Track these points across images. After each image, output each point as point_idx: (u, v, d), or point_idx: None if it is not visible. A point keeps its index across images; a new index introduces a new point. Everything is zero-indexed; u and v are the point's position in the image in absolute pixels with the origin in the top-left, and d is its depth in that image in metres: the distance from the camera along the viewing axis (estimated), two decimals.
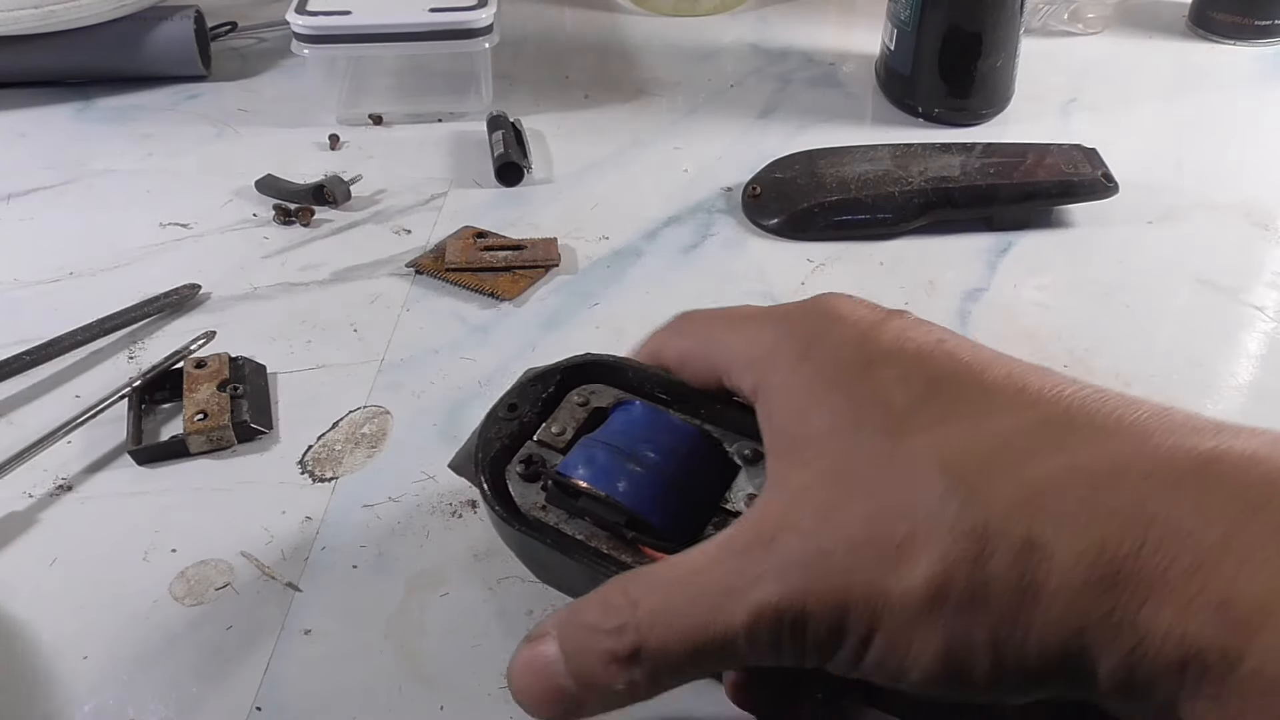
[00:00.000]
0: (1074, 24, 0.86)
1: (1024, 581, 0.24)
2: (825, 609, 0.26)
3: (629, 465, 0.33)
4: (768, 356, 0.31)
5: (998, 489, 0.25)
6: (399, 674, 0.39)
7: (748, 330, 0.32)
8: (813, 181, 0.63)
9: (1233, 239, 0.62)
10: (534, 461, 0.36)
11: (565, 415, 0.36)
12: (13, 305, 0.57)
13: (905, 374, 0.28)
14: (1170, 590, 0.23)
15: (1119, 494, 0.24)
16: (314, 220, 0.64)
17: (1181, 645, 0.23)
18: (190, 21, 0.77)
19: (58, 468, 0.47)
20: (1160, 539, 0.23)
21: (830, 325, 0.30)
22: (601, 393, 0.36)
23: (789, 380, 0.30)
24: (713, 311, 0.34)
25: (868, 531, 0.26)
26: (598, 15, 0.91)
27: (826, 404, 0.28)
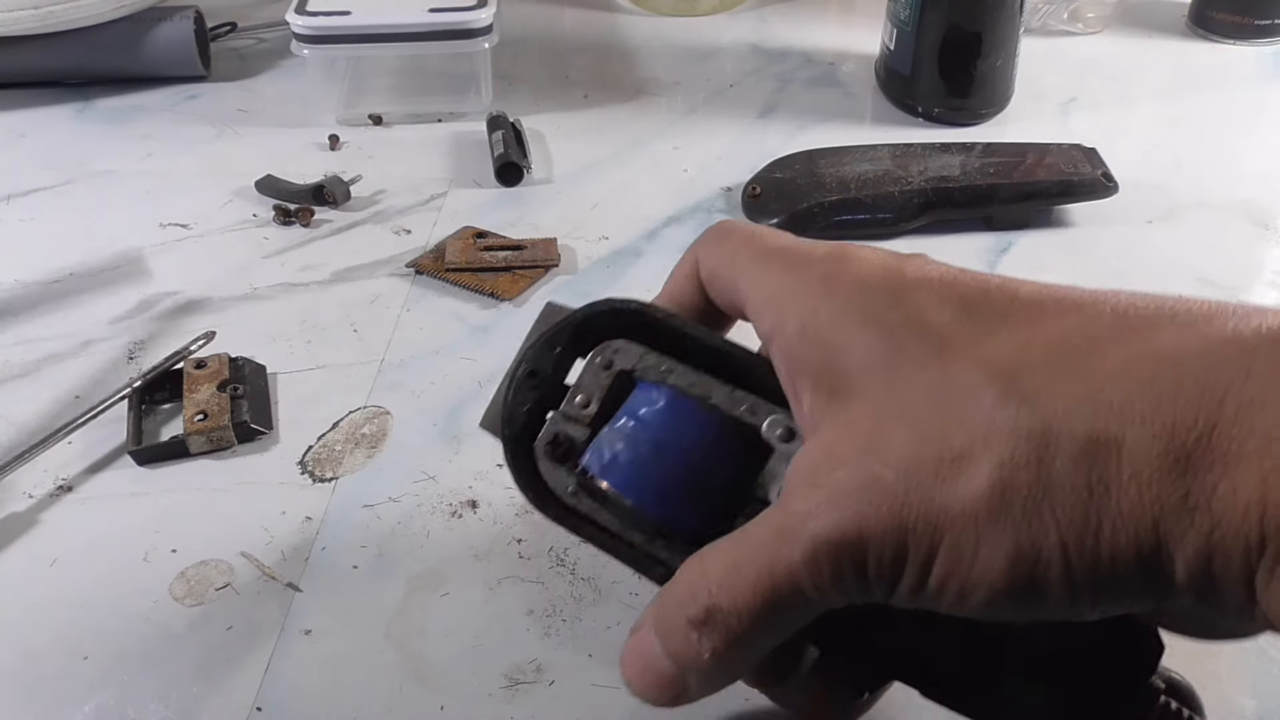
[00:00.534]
0: (1074, 24, 0.86)
1: (1091, 478, 0.23)
2: (883, 533, 0.25)
3: (655, 469, 0.32)
4: (785, 297, 0.30)
5: (1055, 388, 0.24)
6: (399, 674, 0.39)
7: (771, 267, 0.31)
8: (813, 181, 0.64)
9: (1232, 238, 0.62)
10: (561, 442, 0.34)
11: (589, 381, 0.34)
12: (13, 306, 0.57)
13: (938, 298, 0.27)
14: (1246, 465, 0.22)
15: (1185, 376, 0.23)
16: (314, 220, 0.64)
17: (1261, 520, 0.21)
18: (190, 22, 0.77)
19: (58, 468, 0.47)
20: (1234, 415, 0.22)
21: (850, 264, 0.29)
22: (625, 351, 0.33)
23: (811, 321, 0.29)
24: (749, 232, 0.33)
25: (920, 450, 0.25)
26: (597, 15, 0.91)
27: (858, 338, 0.27)
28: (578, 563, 0.43)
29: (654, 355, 0.33)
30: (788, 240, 0.32)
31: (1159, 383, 0.23)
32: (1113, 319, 0.25)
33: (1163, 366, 0.23)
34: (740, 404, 0.32)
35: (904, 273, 0.28)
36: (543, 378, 0.34)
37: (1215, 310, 0.24)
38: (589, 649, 0.40)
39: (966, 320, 0.26)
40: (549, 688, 0.38)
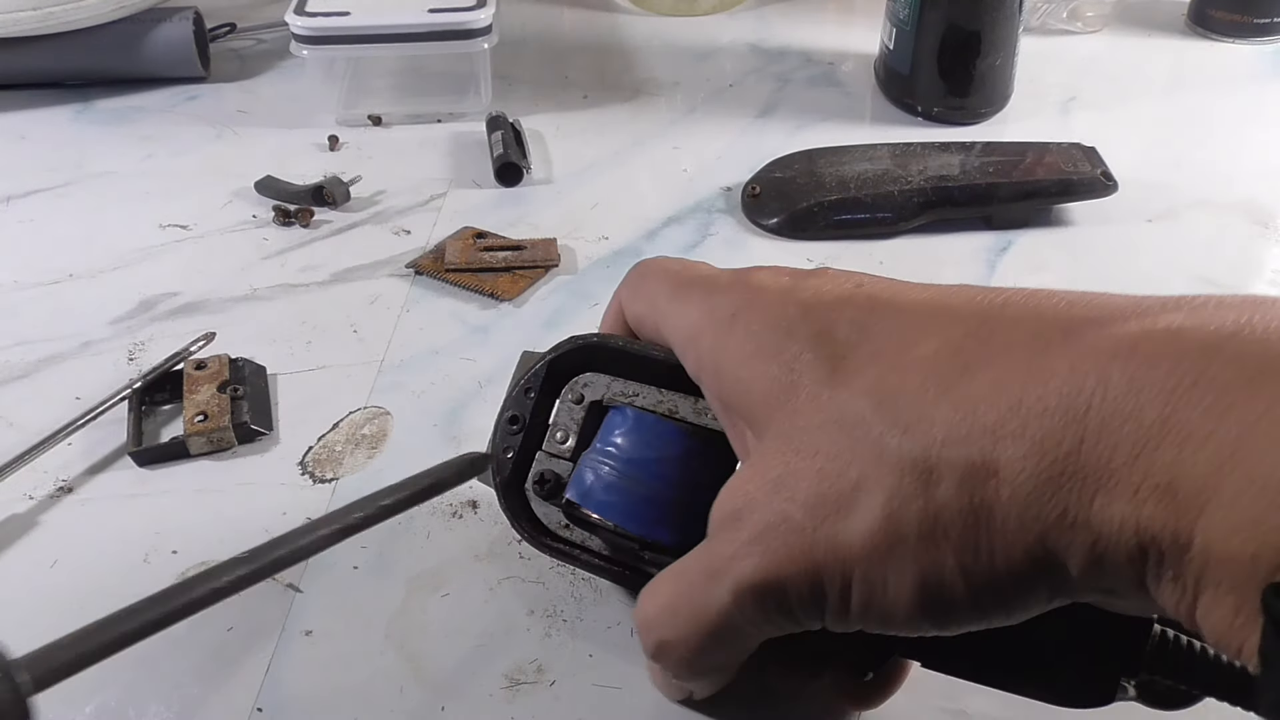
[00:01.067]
0: (1073, 22, 0.86)
1: (974, 502, 0.24)
2: (798, 574, 0.26)
3: (631, 487, 0.34)
4: (700, 336, 0.31)
5: (933, 417, 0.25)
6: (400, 675, 0.39)
7: (684, 306, 0.32)
8: (812, 181, 0.64)
9: (1232, 237, 0.62)
10: (547, 480, 0.36)
11: (564, 417, 0.36)
12: (13, 307, 0.57)
13: (829, 324, 0.28)
14: (1117, 480, 0.22)
15: (1049, 392, 0.23)
16: (313, 221, 0.64)
17: (1137, 533, 0.22)
18: (189, 23, 0.77)
19: (58, 469, 0.47)
20: (1099, 429, 0.23)
21: (752, 296, 0.30)
22: (593, 384, 0.36)
23: (721, 357, 0.30)
24: (663, 270, 0.34)
25: (821, 487, 0.26)
26: (596, 15, 0.91)
27: (760, 372, 0.29)
28: None
29: (621, 382, 0.35)
30: (699, 272, 0.33)
31: (1026, 401, 0.24)
32: (987, 333, 0.26)
33: (1029, 384, 0.24)
34: (705, 413, 0.34)
35: (800, 299, 0.29)
36: (523, 423, 0.36)
37: (1080, 318, 0.25)
38: (590, 649, 0.40)
39: (855, 344, 0.28)
40: (550, 688, 0.38)
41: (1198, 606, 0.22)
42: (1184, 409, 0.22)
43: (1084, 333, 0.24)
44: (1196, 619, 0.23)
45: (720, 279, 0.32)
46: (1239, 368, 0.22)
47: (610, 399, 0.35)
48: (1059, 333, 0.25)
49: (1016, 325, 0.26)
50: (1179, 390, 0.22)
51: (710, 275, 0.33)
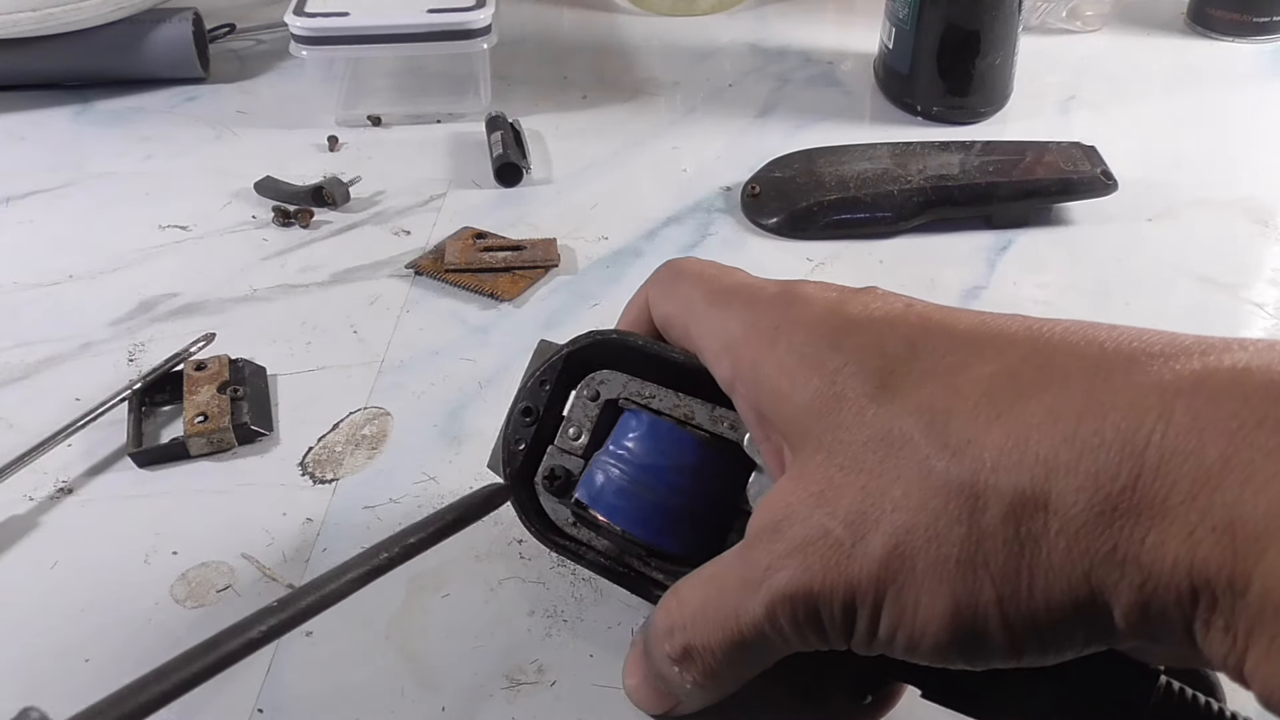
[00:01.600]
0: (1072, 22, 0.86)
1: (1021, 532, 0.23)
2: (832, 589, 0.26)
3: (641, 494, 0.33)
4: (739, 345, 0.30)
5: (984, 438, 0.24)
6: (400, 675, 0.39)
7: (722, 314, 0.31)
8: (812, 180, 0.63)
9: (1232, 236, 0.62)
10: (558, 475, 0.35)
11: (578, 413, 0.35)
12: (12, 308, 0.57)
13: (878, 339, 0.28)
14: (1173, 519, 0.22)
15: (1107, 425, 0.23)
16: (313, 222, 0.64)
17: (1190, 574, 0.22)
18: (188, 24, 0.77)
19: (58, 471, 0.47)
20: (1158, 465, 0.22)
21: (796, 307, 0.30)
22: (610, 381, 0.35)
23: (762, 368, 0.29)
24: (698, 274, 0.33)
25: (864, 504, 0.26)
26: (596, 15, 0.91)
27: (804, 383, 0.28)
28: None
29: (638, 382, 0.34)
30: (738, 280, 0.32)
31: (1082, 433, 0.23)
32: (1043, 360, 0.25)
33: (1086, 415, 0.23)
34: (721, 421, 0.34)
35: (848, 313, 0.29)
36: (537, 415, 0.36)
37: (1142, 351, 0.24)
38: (590, 649, 0.40)
39: (905, 362, 0.27)
40: (550, 688, 0.38)
41: (1248, 658, 0.22)
42: (1247, 449, 0.21)
43: (1147, 366, 0.24)
44: (1245, 672, 0.22)
45: (764, 290, 0.31)
46: None
47: (626, 399, 0.35)
48: (1121, 364, 0.24)
49: (1075, 353, 0.25)
50: (1243, 430, 0.21)
51: (752, 285, 0.32)
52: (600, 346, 0.35)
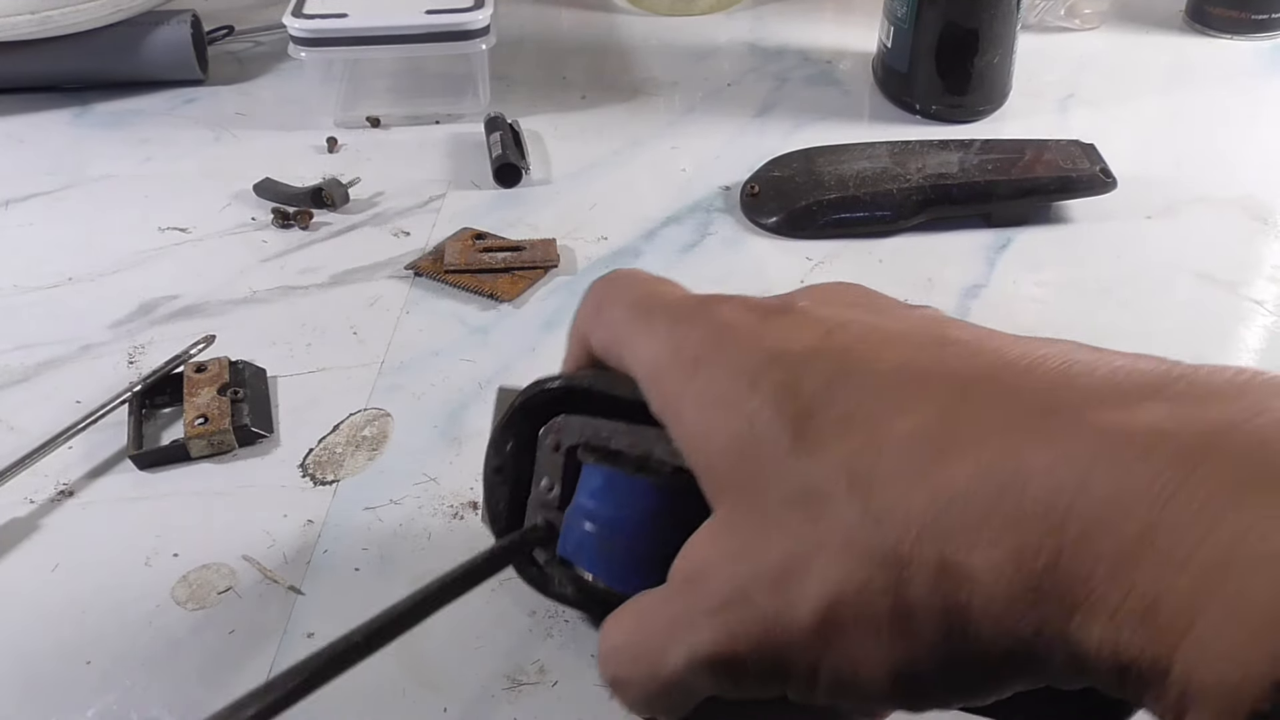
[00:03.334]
0: (1070, 20, 0.86)
1: (948, 604, 0.23)
2: (758, 653, 0.25)
3: (613, 548, 0.33)
4: (662, 376, 0.29)
5: (908, 503, 0.23)
6: (402, 677, 0.39)
7: (647, 338, 0.30)
8: (811, 180, 0.64)
9: (1231, 233, 0.62)
10: (540, 529, 0.35)
11: (546, 465, 0.35)
12: (12, 311, 0.57)
13: (795, 378, 0.26)
14: (1096, 600, 0.21)
15: (1026, 497, 0.22)
16: (312, 223, 0.64)
17: (1115, 658, 0.21)
18: (187, 26, 0.77)
19: (59, 473, 0.47)
20: (1078, 540, 0.21)
21: (717, 336, 0.28)
22: (568, 428, 0.34)
23: (684, 405, 0.28)
24: (621, 295, 0.32)
25: (786, 568, 0.25)
26: (594, 16, 0.91)
27: (721, 425, 0.27)
28: None
29: (594, 423, 0.33)
30: (661, 298, 0.31)
31: (1005, 500, 0.22)
32: (967, 413, 0.24)
33: (1008, 479, 0.22)
34: (680, 454, 0.32)
35: (766, 345, 0.27)
36: (508, 471, 0.35)
37: (1064, 400, 0.23)
38: (591, 649, 0.40)
39: (825, 403, 0.26)
40: (552, 688, 0.38)
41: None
42: (1166, 521, 0.21)
43: (1061, 417, 0.23)
44: None
45: (683, 308, 0.30)
46: (1222, 477, 0.21)
47: (584, 445, 0.34)
48: (1036, 417, 0.23)
49: (992, 407, 0.24)
50: (1160, 500, 0.21)
51: (673, 303, 0.30)
52: (547, 395, 0.34)
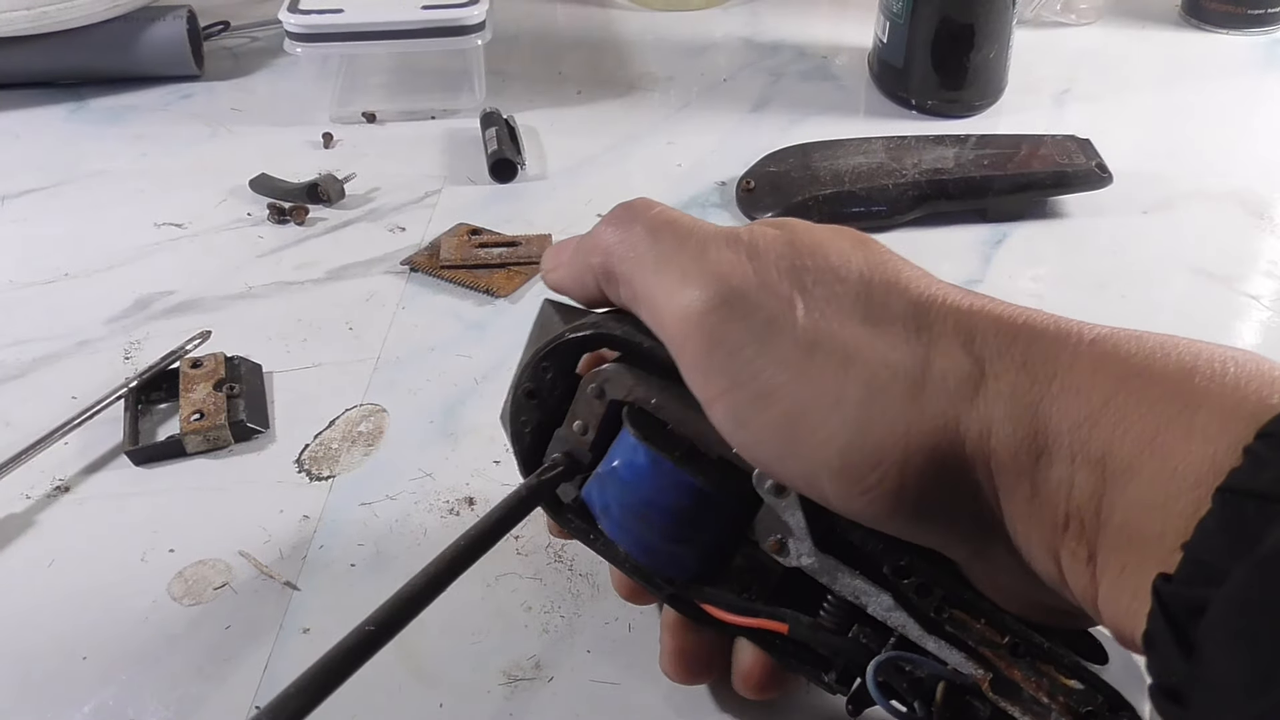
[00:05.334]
0: (1066, 14, 0.86)
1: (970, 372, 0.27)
2: None
3: (640, 528, 0.33)
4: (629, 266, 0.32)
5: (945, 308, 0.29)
6: (398, 672, 0.39)
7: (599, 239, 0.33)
8: (806, 175, 0.64)
9: (1228, 228, 0.63)
10: (562, 463, 0.34)
11: (584, 408, 0.34)
12: (8, 307, 0.57)
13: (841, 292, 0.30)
14: (1062, 444, 0.25)
15: (1035, 348, 0.27)
16: (308, 219, 0.64)
17: (1066, 502, 0.25)
18: (182, 21, 0.77)
19: (55, 469, 0.47)
20: (1059, 391, 0.26)
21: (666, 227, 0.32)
22: (615, 380, 0.33)
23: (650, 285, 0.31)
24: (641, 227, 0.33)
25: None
26: (590, 10, 0.91)
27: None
28: (575, 559, 0.43)
29: (644, 385, 0.33)
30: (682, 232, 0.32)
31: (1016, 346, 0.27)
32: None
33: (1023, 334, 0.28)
34: (726, 444, 0.31)
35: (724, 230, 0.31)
36: (542, 396, 0.35)
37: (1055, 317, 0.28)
38: (587, 645, 0.40)
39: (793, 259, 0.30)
40: (548, 684, 0.39)
41: (1100, 587, 0.25)
42: (1124, 393, 0.25)
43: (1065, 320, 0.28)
44: (1099, 605, 0.25)
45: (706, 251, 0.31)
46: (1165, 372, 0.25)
47: (631, 406, 0.33)
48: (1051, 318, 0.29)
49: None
50: (1123, 378, 0.25)
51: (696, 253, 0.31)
52: (601, 340, 0.34)
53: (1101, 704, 0.28)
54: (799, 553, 0.31)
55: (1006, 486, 0.26)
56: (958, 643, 0.30)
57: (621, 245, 0.32)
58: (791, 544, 0.32)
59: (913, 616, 0.30)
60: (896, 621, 0.31)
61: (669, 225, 0.32)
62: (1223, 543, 0.21)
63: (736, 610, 0.33)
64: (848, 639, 0.32)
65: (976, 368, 0.27)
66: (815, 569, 0.31)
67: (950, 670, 0.30)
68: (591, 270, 0.33)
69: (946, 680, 0.30)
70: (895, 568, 0.30)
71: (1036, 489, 0.26)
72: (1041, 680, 0.29)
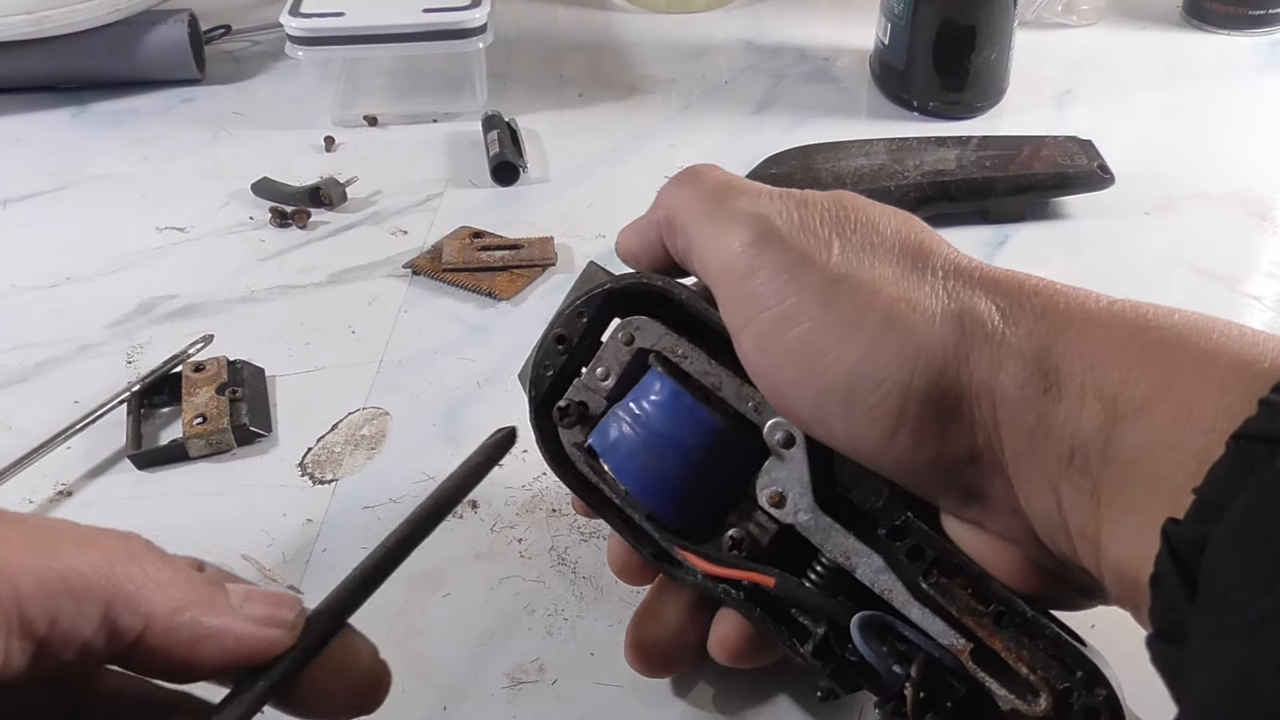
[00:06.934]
0: (1068, 16, 0.86)
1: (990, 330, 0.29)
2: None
3: (650, 461, 0.33)
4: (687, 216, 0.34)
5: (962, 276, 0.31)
6: (401, 675, 0.39)
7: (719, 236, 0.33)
8: (809, 177, 0.63)
9: (1229, 229, 0.62)
10: (576, 409, 0.35)
11: (610, 355, 0.35)
12: (10, 311, 0.57)
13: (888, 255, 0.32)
14: (1073, 380, 0.26)
15: (1055, 300, 0.29)
16: (310, 222, 0.64)
17: (1072, 438, 0.26)
18: (184, 25, 0.77)
19: (57, 473, 0.47)
20: (1075, 337, 0.27)
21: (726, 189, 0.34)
22: (646, 329, 0.34)
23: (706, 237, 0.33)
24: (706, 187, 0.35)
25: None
26: (591, 13, 0.91)
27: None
28: (579, 561, 0.43)
29: (673, 337, 0.34)
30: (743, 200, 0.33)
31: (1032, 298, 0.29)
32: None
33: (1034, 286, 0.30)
34: (748, 400, 0.33)
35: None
36: (570, 343, 0.36)
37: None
38: (591, 647, 0.40)
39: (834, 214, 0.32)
40: (551, 686, 0.39)
41: (1102, 525, 0.25)
42: (1137, 343, 0.26)
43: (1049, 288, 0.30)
44: (1100, 539, 0.26)
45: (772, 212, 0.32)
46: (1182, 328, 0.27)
47: (658, 354, 0.34)
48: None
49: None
50: (1139, 329, 0.27)
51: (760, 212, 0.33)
52: (644, 292, 0.35)
53: (1080, 679, 0.28)
54: (797, 508, 0.32)
55: (1009, 419, 0.27)
56: (942, 612, 0.30)
57: (681, 199, 0.35)
58: (791, 499, 0.32)
59: (901, 579, 0.31)
60: (884, 585, 0.31)
61: (727, 183, 0.34)
62: (1232, 484, 0.22)
63: (723, 564, 0.33)
64: (833, 599, 0.32)
65: (996, 314, 0.28)
66: (809, 527, 0.32)
67: (932, 643, 0.30)
68: (655, 225, 0.36)
69: (927, 653, 0.30)
70: (891, 528, 0.31)
71: (1042, 420, 0.26)
72: (1023, 652, 0.29)
